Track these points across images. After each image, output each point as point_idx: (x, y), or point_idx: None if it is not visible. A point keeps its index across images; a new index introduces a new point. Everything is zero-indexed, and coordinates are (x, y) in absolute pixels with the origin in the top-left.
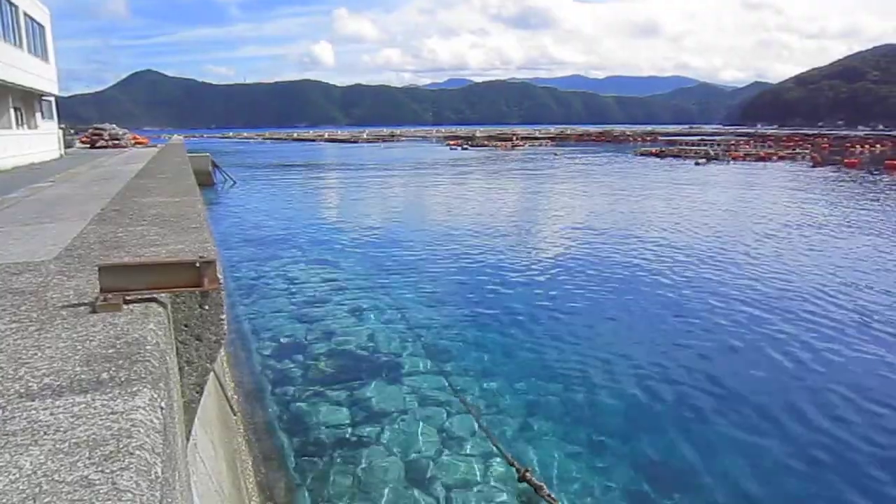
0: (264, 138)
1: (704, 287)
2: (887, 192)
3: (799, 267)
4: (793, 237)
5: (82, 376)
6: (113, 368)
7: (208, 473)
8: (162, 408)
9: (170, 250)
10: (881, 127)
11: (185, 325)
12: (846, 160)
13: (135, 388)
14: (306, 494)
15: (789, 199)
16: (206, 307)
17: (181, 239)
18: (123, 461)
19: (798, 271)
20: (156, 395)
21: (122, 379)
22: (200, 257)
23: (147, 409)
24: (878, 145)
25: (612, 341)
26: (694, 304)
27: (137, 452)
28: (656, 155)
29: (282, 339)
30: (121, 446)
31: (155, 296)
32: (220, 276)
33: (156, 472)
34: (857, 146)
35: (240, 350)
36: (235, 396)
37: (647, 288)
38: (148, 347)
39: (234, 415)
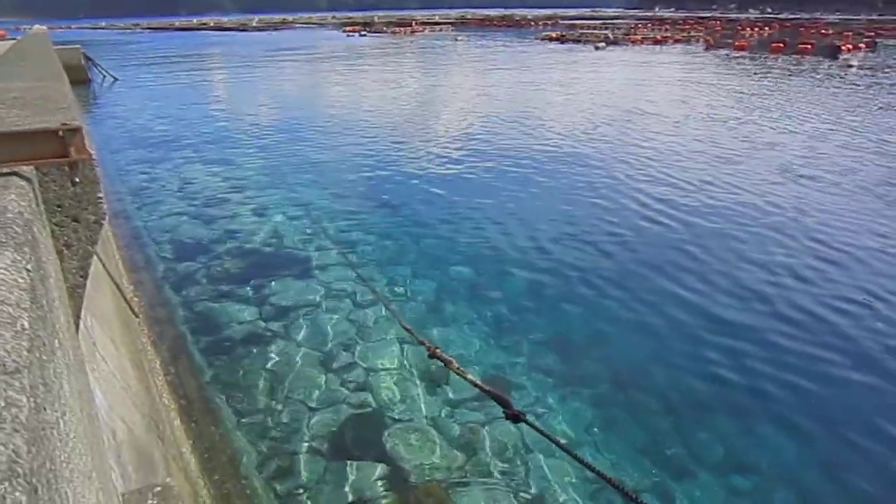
0: (142, 28)
1: (604, 168)
2: (769, 72)
3: (685, 148)
4: (679, 120)
5: None
6: None
7: (112, 372)
8: (28, 270)
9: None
10: (769, 10)
11: (58, 206)
12: (736, 43)
13: None
14: (219, 390)
15: (680, 82)
16: (78, 181)
17: (46, 119)
18: None
19: (686, 151)
20: (19, 258)
21: None
22: (63, 124)
23: (10, 269)
24: (766, 28)
25: (515, 225)
26: (592, 184)
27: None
28: (557, 39)
29: (183, 241)
30: None
31: (16, 170)
32: (90, 150)
33: (22, 325)
34: (748, 29)
35: (137, 254)
36: (136, 299)
37: (548, 172)
38: (9, 216)
39: (137, 317)
